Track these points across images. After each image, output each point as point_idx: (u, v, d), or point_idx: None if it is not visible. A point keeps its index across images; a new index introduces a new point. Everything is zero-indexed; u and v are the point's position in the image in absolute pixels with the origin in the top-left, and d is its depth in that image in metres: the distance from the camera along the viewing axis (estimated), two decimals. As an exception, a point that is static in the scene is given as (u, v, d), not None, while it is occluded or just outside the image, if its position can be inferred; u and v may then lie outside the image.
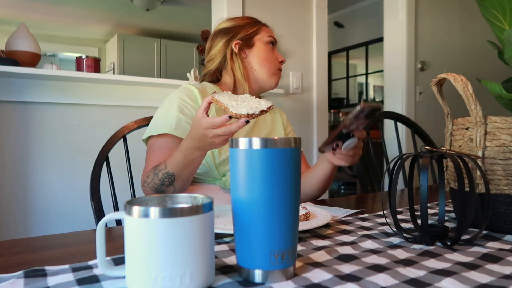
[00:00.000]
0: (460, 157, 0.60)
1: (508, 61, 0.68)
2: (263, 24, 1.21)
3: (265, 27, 1.20)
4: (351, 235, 0.64)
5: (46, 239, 0.66)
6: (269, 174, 0.43)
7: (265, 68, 1.15)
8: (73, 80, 1.65)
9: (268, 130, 1.20)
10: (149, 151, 1.01)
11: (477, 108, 0.64)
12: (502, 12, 0.71)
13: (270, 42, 1.17)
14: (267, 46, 1.17)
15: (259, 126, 1.19)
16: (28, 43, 1.60)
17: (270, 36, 1.18)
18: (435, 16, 3.09)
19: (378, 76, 5.30)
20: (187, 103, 1.03)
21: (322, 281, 0.44)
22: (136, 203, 0.45)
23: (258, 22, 1.20)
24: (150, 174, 0.93)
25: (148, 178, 0.94)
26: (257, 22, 1.20)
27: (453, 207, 0.75)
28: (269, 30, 1.21)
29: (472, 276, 0.45)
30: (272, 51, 1.18)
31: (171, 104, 1.03)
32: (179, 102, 1.02)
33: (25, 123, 1.60)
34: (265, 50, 1.16)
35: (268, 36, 1.18)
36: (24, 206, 1.60)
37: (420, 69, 2.99)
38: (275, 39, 1.20)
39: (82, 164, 1.67)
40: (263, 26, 1.20)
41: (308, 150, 2.39)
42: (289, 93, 2.32)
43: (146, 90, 1.80)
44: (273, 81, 1.17)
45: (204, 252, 0.42)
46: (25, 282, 0.45)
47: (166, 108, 1.03)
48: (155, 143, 1.00)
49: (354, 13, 5.33)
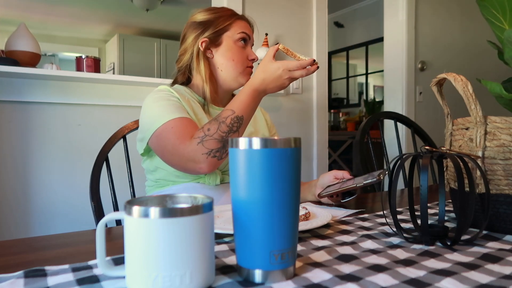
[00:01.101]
0: (460, 157, 0.60)
1: (508, 61, 0.68)
2: (239, 18, 1.12)
3: (239, 21, 1.11)
4: (351, 235, 0.64)
5: (46, 239, 0.66)
6: (269, 174, 0.43)
7: (231, 68, 1.09)
8: (73, 80, 1.66)
9: (250, 130, 1.15)
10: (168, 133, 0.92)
11: (477, 108, 0.64)
12: (502, 12, 0.71)
13: (242, 39, 1.09)
14: (235, 44, 1.09)
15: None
16: (28, 43, 1.60)
17: (241, 32, 1.09)
18: (435, 16, 3.09)
19: (378, 76, 5.30)
20: (167, 94, 1.00)
21: (322, 281, 0.44)
22: (136, 203, 0.45)
23: (232, 16, 1.11)
24: (211, 127, 0.88)
25: (209, 131, 0.88)
26: (231, 16, 1.11)
27: (453, 207, 0.75)
28: (243, 25, 1.11)
29: (472, 276, 0.45)
30: (243, 49, 1.10)
31: (154, 101, 0.99)
32: (160, 96, 0.99)
33: (25, 123, 1.60)
34: (232, 49, 1.09)
35: (239, 33, 1.09)
36: (24, 206, 1.60)
37: (420, 69, 2.99)
38: (248, 35, 1.11)
39: (82, 164, 1.67)
40: (237, 20, 1.11)
41: (308, 150, 2.39)
42: (289, 93, 2.32)
43: (146, 90, 1.80)
44: (240, 81, 1.10)
45: (204, 252, 0.42)
46: (25, 282, 0.45)
47: (151, 106, 0.98)
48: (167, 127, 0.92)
49: (354, 13, 5.33)
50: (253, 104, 0.93)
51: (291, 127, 2.31)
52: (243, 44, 1.10)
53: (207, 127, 0.90)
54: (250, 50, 1.12)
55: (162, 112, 0.95)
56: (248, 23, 1.14)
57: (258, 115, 1.23)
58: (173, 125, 0.92)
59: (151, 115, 0.97)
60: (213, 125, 0.90)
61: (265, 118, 1.25)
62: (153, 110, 0.97)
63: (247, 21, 1.14)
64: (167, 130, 0.92)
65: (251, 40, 1.13)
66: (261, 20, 2.19)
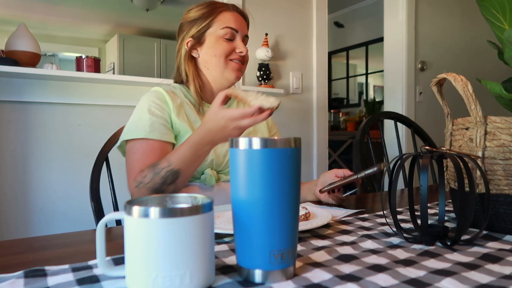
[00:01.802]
0: (460, 157, 0.60)
1: (508, 61, 0.68)
2: (223, 10, 1.06)
3: (223, 15, 1.06)
4: (351, 235, 0.64)
5: (46, 239, 0.66)
6: (269, 174, 0.43)
7: (214, 65, 1.05)
8: (73, 80, 1.66)
9: (248, 130, 1.13)
10: (130, 154, 0.96)
11: (477, 108, 0.64)
12: (502, 12, 0.71)
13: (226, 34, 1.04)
14: (218, 40, 1.04)
15: None
16: (28, 43, 1.60)
17: (224, 27, 1.04)
18: (435, 16, 3.09)
19: (378, 76, 5.30)
20: (158, 105, 0.99)
21: (322, 281, 0.44)
22: (136, 203, 0.45)
23: (215, 10, 1.06)
24: (147, 174, 0.88)
25: (145, 178, 0.89)
26: (214, 10, 1.06)
27: (453, 207, 0.75)
28: (227, 18, 1.05)
29: (472, 276, 0.45)
30: (227, 43, 1.04)
31: (143, 108, 1.00)
32: (150, 105, 0.99)
33: (25, 123, 1.60)
34: (214, 45, 1.04)
35: (222, 28, 1.04)
36: (24, 206, 1.60)
37: (420, 69, 2.99)
38: (235, 28, 1.05)
39: (82, 164, 1.67)
40: (221, 14, 1.06)
41: (308, 150, 2.39)
42: (289, 93, 2.32)
43: (146, 90, 1.79)
44: (228, 77, 1.06)
45: (204, 252, 0.42)
46: (25, 282, 0.45)
47: (139, 112, 1.00)
48: (134, 146, 0.96)
49: (354, 13, 5.33)
50: (194, 157, 0.87)
51: (291, 127, 2.31)
52: (227, 39, 1.05)
53: (144, 174, 0.89)
54: (238, 42, 1.06)
55: (137, 126, 0.96)
56: (238, 13, 1.08)
57: None
58: (137, 148, 0.95)
59: (130, 122, 1.00)
60: (149, 173, 0.88)
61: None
62: (134, 118, 1.00)
63: (237, 12, 1.08)
64: (132, 151, 0.96)
65: (240, 32, 1.07)
66: (261, 20, 2.19)
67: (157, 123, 0.97)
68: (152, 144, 0.95)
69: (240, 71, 1.07)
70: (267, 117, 0.77)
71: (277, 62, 2.27)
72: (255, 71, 2.16)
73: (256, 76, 2.16)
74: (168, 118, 1.00)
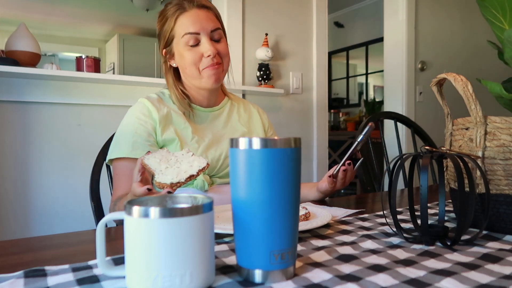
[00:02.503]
0: (460, 157, 0.60)
1: (508, 61, 0.68)
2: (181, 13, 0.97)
3: (181, 19, 0.97)
4: (351, 235, 0.64)
5: (46, 239, 0.66)
6: (269, 174, 0.43)
7: (189, 77, 1.02)
8: (73, 80, 1.66)
9: (243, 131, 1.12)
10: (114, 174, 0.98)
11: (477, 108, 0.64)
12: (502, 12, 0.71)
13: (189, 40, 0.96)
14: (184, 50, 0.98)
15: (231, 127, 1.11)
16: (28, 43, 1.60)
17: (184, 34, 0.96)
18: (435, 16, 3.09)
19: (378, 76, 5.30)
20: (141, 120, 0.98)
21: (322, 281, 0.44)
22: (136, 203, 0.45)
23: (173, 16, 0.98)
24: (112, 205, 0.93)
25: (113, 207, 0.92)
26: (170, 20, 0.99)
27: (453, 207, 0.75)
28: (184, 24, 0.96)
29: (472, 276, 0.45)
30: (193, 51, 0.97)
31: (128, 124, 0.99)
32: (134, 121, 0.98)
33: (25, 123, 1.60)
34: (181, 56, 0.99)
35: (183, 36, 0.97)
36: (24, 206, 1.60)
37: (420, 69, 2.99)
38: (195, 32, 0.96)
39: (82, 164, 1.67)
40: (179, 19, 0.97)
41: (308, 150, 2.39)
42: (289, 93, 2.32)
43: (146, 90, 1.80)
44: (206, 85, 1.01)
45: (204, 252, 0.42)
46: (25, 282, 0.45)
47: (123, 129, 0.99)
48: (117, 167, 0.97)
49: (354, 13, 5.33)
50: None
51: (291, 127, 2.31)
52: (192, 46, 0.97)
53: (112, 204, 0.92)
54: (204, 45, 0.97)
55: (121, 144, 0.97)
56: (197, 8, 0.98)
57: (254, 115, 1.19)
58: (119, 170, 0.96)
59: (115, 138, 1.00)
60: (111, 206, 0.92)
61: (261, 118, 1.20)
62: (118, 134, 1.00)
63: (195, 7, 0.98)
64: (115, 172, 0.97)
65: (203, 32, 0.97)
66: (261, 20, 2.19)
67: (139, 141, 0.96)
68: (132, 166, 0.93)
69: (216, 75, 1.00)
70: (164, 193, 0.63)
71: (277, 62, 2.27)
72: (255, 71, 2.16)
73: (256, 76, 2.16)
74: (153, 131, 0.98)
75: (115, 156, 0.96)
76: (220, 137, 1.07)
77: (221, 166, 1.03)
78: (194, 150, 0.99)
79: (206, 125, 1.08)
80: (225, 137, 1.08)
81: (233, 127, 1.11)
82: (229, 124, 1.11)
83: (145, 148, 0.95)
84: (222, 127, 1.09)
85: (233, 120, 1.12)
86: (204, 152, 1.01)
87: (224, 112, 1.12)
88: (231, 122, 1.12)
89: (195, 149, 0.99)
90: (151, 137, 0.98)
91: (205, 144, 1.02)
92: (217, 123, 1.10)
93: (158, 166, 0.69)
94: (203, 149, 1.01)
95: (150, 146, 0.97)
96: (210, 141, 1.03)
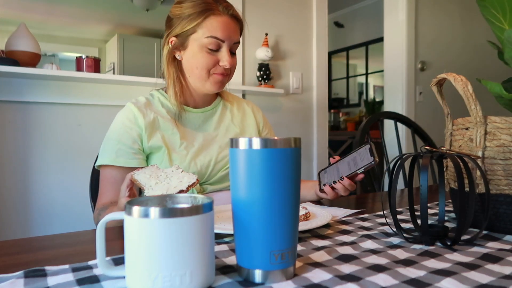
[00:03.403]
0: (460, 157, 0.60)
1: (508, 61, 0.68)
2: (213, 13, 0.94)
3: (211, 19, 0.94)
4: (351, 235, 0.64)
5: (46, 239, 0.66)
6: (269, 174, 0.43)
7: (195, 77, 0.99)
8: (73, 80, 1.66)
9: (235, 131, 1.09)
10: (100, 180, 0.98)
11: (477, 108, 0.64)
12: (502, 12, 0.71)
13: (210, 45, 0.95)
14: (201, 50, 0.96)
15: (224, 127, 1.08)
16: (28, 43, 1.60)
17: (209, 37, 0.94)
18: (435, 16, 3.09)
19: (378, 76, 5.30)
20: (127, 127, 0.96)
21: (322, 281, 0.44)
22: (136, 203, 0.45)
23: (204, 13, 0.94)
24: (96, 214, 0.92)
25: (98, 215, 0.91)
26: (203, 12, 0.94)
27: (453, 207, 0.75)
28: (216, 24, 0.94)
29: (472, 276, 0.45)
30: (211, 54, 0.96)
31: (114, 131, 0.98)
32: (119, 127, 0.97)
33: (25, 123, 1.60)
34: (196, 55, 0.96)
35: (207, 37, 0.94)
36: (24, 206, 1.60)
37: (420, 69, 2.99)
38: (221, 38, 0.95)
39: (82, 164, 1.67)
40: (209, 18, 0.94)
41: (308, 150, 2.39)
42: (289, 93, 2.32)
43: (146, 90, 1.80)
44: (209, 89, 1.00)
45: (204, 252, 0.42)
46: (25, 282, 0.45)
47: (110, 135, 0.98)
48: (102, 174, 0.97)
49: (354, 13, 5.33)
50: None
51: (291, 127, 2.31)
52: (211, 49, 0.96)
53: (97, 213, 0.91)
54: (223, 54, 0.97)
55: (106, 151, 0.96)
56: (229, 17, 0.97)
57: (248, 114, 1.15)
58: (104, 177, 0.96)
59: (103, 144, 0.99)
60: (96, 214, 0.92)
61: (255, 117, 1.16)
62: (105, 140, 0.99)
63: (228, 15, 0.96)
64: (100, 178, 0.97)
65: (227, 42, 0.96)
66: (261, 20, 2.19)
67: (123, 148, 0.95)
68: (116, 174, 0.94)
69: (222, 83, 1.01)
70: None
71: (277, 62, 2.27)
72: (255, 71, 2.16)
73: (256, 76, 2.16)
74: (138, 138, 0.96)
75: (100, 163, 0.96)
76: (212, 140, 1.04)
77: (212, 172, 1.00)
78: (182, 157, 0.97)
79: (197, 127, 1.05)
80: (217, 139, 1.05)
81: (226, 128, 1.09)
82: (221, 125, 1.09)
83: (128, 156, 0.95)
84: (214, 128, 1.07)
85: (226, 120, 1.10)
86: (193, 159, 0.98)
87: (217, 112, 1.10)
88: (224, 123, 1.09)
89: (184, 156, 0.97)
90: (135, 144, 0.96)
91: (194, 150, 0.99)
92: (209, 124, 1.07)
93: (148, 181, 0.70)
94: (191, 156, 0.98)
95: (134, 154, 0.95)
96: (200, 145, 1.01)
